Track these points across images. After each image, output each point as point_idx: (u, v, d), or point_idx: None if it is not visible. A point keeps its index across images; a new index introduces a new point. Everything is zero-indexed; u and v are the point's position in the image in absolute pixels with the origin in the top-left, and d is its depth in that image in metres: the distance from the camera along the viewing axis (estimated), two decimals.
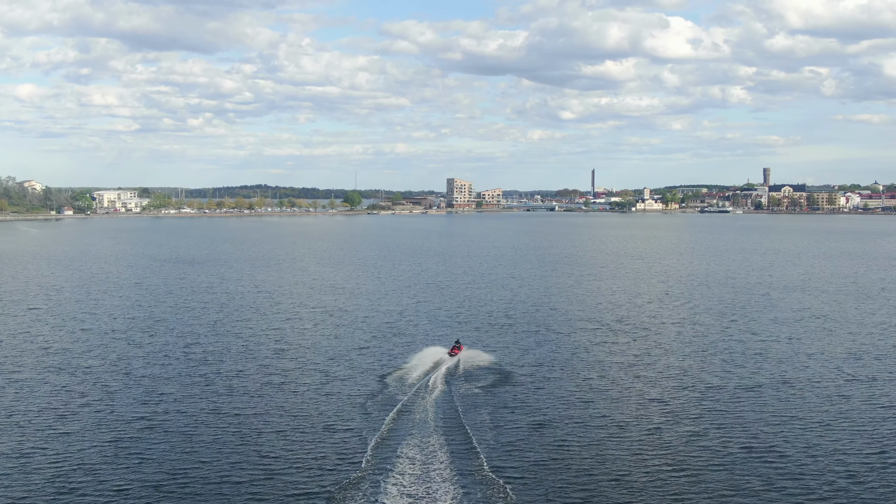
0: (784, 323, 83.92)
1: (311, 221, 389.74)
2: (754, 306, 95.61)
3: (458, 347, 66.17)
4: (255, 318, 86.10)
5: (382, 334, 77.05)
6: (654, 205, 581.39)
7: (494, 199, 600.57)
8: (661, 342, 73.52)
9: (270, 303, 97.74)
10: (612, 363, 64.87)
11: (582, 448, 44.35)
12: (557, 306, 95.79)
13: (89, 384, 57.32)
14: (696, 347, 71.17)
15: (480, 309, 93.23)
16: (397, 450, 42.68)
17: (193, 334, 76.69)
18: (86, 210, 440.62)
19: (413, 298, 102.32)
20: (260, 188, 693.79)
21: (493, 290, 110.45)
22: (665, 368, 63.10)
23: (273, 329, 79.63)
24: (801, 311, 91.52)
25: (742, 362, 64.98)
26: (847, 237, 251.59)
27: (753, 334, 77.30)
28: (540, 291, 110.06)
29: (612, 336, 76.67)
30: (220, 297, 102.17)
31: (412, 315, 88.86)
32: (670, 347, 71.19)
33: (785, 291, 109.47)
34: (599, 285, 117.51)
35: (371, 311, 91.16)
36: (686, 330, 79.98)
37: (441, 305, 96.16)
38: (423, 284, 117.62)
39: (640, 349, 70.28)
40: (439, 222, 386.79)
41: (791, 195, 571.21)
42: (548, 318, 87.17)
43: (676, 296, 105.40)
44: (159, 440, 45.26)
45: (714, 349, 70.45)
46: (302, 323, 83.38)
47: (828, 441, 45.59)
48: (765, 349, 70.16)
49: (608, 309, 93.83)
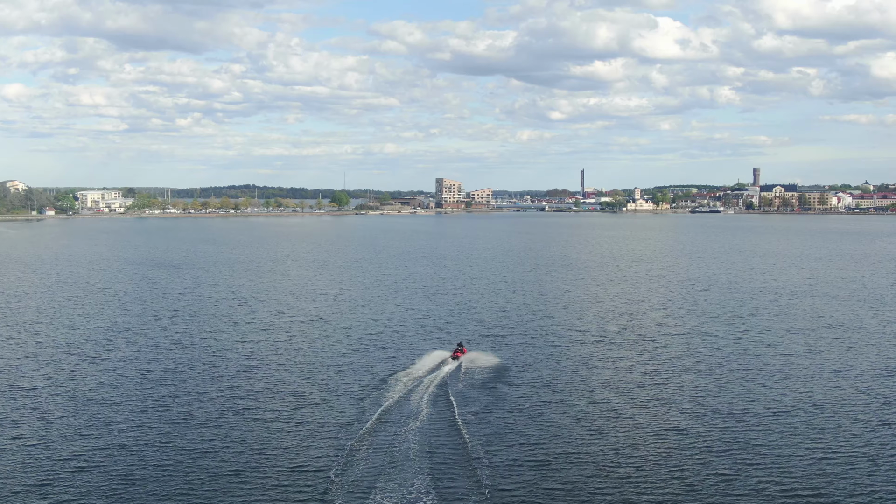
0: (800, 333, 77.50)
1: (297, 222, 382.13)
2: (764, 314, 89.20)
3: (460, 350, 63.64)
4: (226, 330, 79.05)
5: (364, 348, 70.15)
6: (644, 205, 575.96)
7: (484, 199, 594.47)
8: (670, 357, 66.89)
9: (245, 311, 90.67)
10: (620, 382, 58.18)
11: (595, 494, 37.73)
12: (555, 314, 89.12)
13: (26, 411, 50.22)
14: (710, 363, 64.53)
15: (471, 318, 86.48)
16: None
17: (156, 348, 69.59)
18: (68, 210, 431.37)
19: (399, 306, 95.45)
20: (248, 188, 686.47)
21: (485, 297, 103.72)
22: (679, 389, 56.44)
23: (245, 342, 72.60)
24: (816, 320, 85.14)
25: (763, 381, 58.44)
26: (845, 238, 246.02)
27: (769, 347, 70.81)
28: (535, 298, 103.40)
29: (616, 349, 70.03)
30: (192, 305, 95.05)
31: (397, 325, 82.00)
32: (682, 364, 64.55)
33: (794, 297, 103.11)
34: (598, 291, 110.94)
35: (353, 321, 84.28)
36: (695, 342, 73.41)
37: (429, 313, 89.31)
38: (410, 290, 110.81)
39: (650, 365, 63.62)
40: (428, 223, 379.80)
41: (782, 195, 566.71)
42: (546, 328, 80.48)
43: (680, 302, 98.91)
44: (94, 484, 38.28)
45: (729, 364, 63.90)
46: (277, 335, 76.39)
47: (881, 482, 39.07)
48: (785, 365, 63.64)
49: (610, 318, 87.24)
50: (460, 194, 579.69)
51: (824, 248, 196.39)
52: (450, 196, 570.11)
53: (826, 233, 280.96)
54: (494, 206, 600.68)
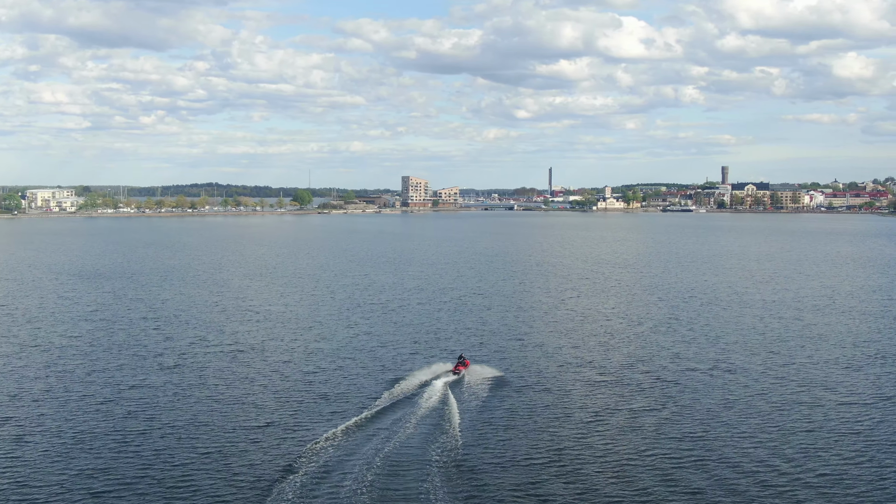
0: (858, 368, 61.87)
1: (256, 222, 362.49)
2: (797, 338, 73.61)
3: (462, 364, 58.40)
4: (127, 365, 61.49)
5: (287, 397, 53.24)
6: (615, 204, 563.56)
7: (451, 197, 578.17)
8: (701, 409, 50.87)
9: (160, 338, 72.98)
10: (643, 450, 42.01)
11: None
12: (541, 338, 72.75)
13: None
14: (759, 420, 48.52)
15: (437, 345, 69.82)
16: None
17: (23, 396, 52.00)
18: (13, 210, 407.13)
19: (352, 329, 78.50)
20: (211, 187, 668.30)
21: (456, 314, 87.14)
22: (720, 462, 40.37)
23: (147, 385, 55.27)
24: (864, 345, 69.77)
25: (846, 449, 42.60)
26: (833, 238, 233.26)
27: (829, 390, 55.02)
28: (515, 314, 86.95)
29: (624, 389, 53.84)
30: (97, 328, 77.21)
31: (346, 353, 65.11)
32: (718, 418, 48.57)
33: (821, 314, 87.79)
34: (587, 305, 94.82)
35: (293, 350, 67.25)
36: (726, 381, 57.38)
37: (386, 339, 72.45)
38: (367, 305, 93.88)
39: (678, 428, 47.42)
40: (393, 223, 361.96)
41: (755, 194, 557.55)
42: (530, 358, 64.07)
43: (687, 322, 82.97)
44: None
45: (786, 418, 48.09)
46: (198, 373, 59.12)
47: None
48: (860, 422, 47.87)
49: (608, 344, 70.99)
50: (427, 193, 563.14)
51: (819, 250, 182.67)
52: (417, 195, 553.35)
53: (810, 233, 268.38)
54: (462, 205, 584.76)
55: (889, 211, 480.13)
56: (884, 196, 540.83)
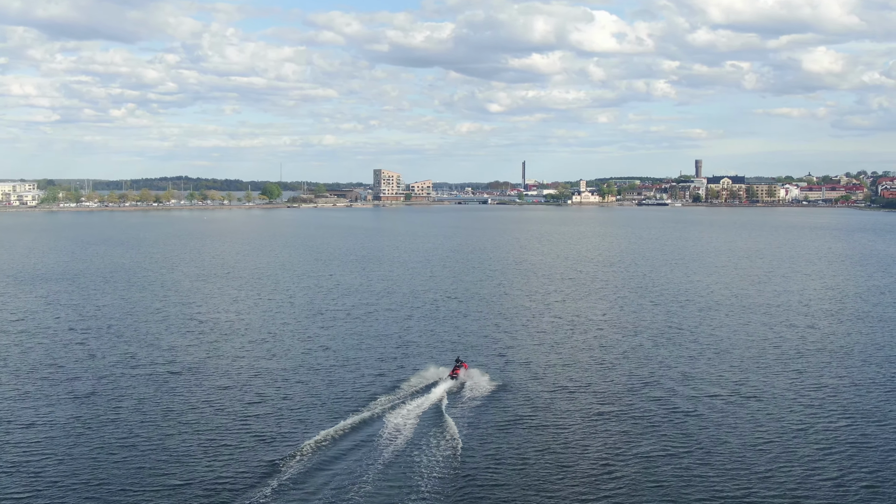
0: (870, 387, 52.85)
1: (223, 216, 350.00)
2: (818, 352, 64.40)
3: (458, 367, 54.47)
4: (32, 394, 50.77)
5: (216, 443, 42.98)
6: (590, 197, 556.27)
7: (424, 191, 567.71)
8: (714, 440, 41.35)
9: (82, 355, 62.05)
10: None
11: None
12: (526, 353, 62.84)
13: None
14: (808, 466, 39.11)
15: (405, 361, 59.76)
16: None
17: None
18: None
19: (309, 343, 68.20)
20: (181, 180, 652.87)
21: (430, 322, 77.11)
22: None
23: (45, 422, 44.65)
24: None
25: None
26: (819, 233, 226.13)
27: (878, 423, 45.66)
28: (496, 323, 77.02)
29: (638, 426, 44.16)
30: (11, 343, 66.16)
31: (299, 377, 54.89)
32: (755, 471, 39.07)
33: (836, 321, 78.76)
34: (576, 310, 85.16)
35: (237, 371, 56.87)
36: (752, 412, 47.94)
37: (352, 355, 62.27)
38: (331, 311, 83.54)
39: (715, 483, 37.84)
40: (364, 217, 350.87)
41: (730, 187, 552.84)
42: (517, 380, 54.21)
43: (693, 330, 73.57)
44: None
45: (839, 467, 38.65)
46: (114, 405, 48.54)
47: None
48: None
49: (604, 360, 61.33)
50: (400, 186, 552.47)
51: (809, 246, 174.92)
52: (389, 188, 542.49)
53: (793, 227, 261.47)
54: (435, 199, 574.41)
55: (866, 205, 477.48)
56: (859, 190, 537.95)
